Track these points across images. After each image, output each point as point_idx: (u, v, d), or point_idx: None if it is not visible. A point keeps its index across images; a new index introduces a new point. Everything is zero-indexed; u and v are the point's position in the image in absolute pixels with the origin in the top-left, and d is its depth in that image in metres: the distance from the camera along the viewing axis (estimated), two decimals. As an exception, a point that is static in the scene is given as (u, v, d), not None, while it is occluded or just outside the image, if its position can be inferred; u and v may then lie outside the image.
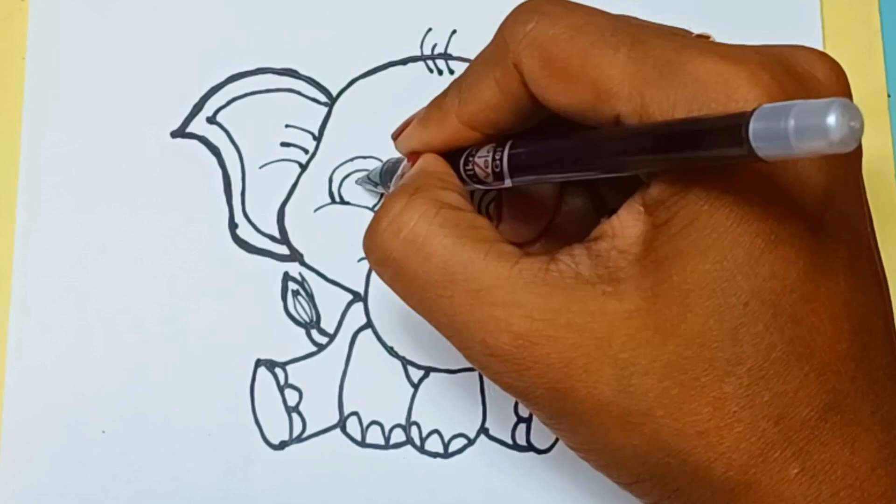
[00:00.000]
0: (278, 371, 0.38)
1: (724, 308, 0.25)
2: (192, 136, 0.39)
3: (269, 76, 0.40)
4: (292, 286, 0.39)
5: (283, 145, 0.39)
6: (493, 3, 0.31)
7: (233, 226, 0.39)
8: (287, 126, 0.40)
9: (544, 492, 0.38)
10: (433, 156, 0.31)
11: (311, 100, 0.40)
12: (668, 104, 0.25)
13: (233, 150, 0.39)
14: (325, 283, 0.39)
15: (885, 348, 0.27)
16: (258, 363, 0.38)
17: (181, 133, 0.39)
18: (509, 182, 0.30)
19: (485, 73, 0.29)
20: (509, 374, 0.27)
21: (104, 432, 0.38)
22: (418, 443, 0.38)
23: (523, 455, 0.38)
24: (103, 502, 0.37)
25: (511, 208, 0.35)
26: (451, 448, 0.38)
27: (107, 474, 0.37)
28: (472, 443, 0.38)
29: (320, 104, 0.40)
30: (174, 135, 0.39)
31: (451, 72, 0.40)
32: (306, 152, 0.39)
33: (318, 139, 0.40)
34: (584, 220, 0.33)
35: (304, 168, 0.39)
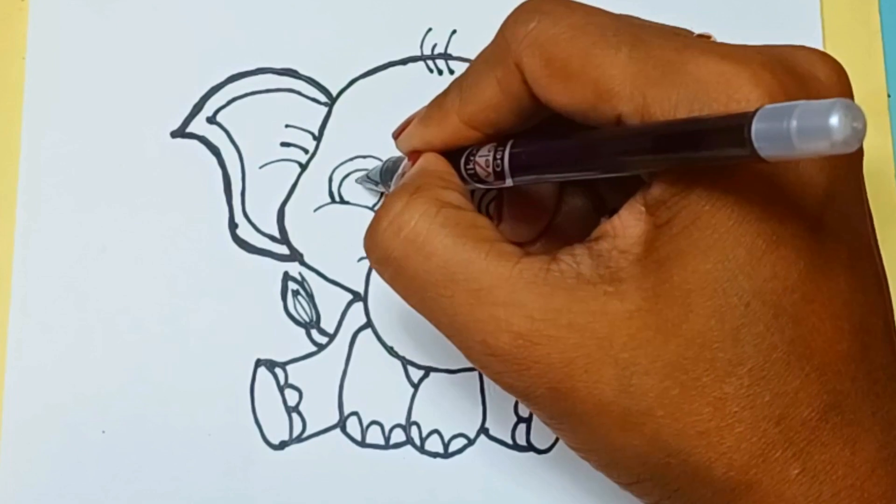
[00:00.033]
0: (278, 371, 0.38)
1: (725, 308, 0.25)
2: (192, 136, 0.39)
3: (269, 76, 0.40)
4: (292, 286, 0.39)
5: (283, 145, 0.39)
6: (493, 3, 0.31)
7: (233, 226, 0.39)
8: (287, 126, 0.40)
9: (544, 492, 0.38)
10: (434, 155, 0.31)
11: (311, 100, 0.40)
12: (670, 104, 0.25)
13: (233, 150, 0.39)
14: (325, 283, 0.39)
15: (886, 348, 0.27)
16: (258, 363, 0.38)
17: (181, 133, 0.39)
18: (510, 181, 0.30)
19: (486, 73, 0.29)
20: (510, 374, 0.27)
21: (104, 432, 0.38)
22: (418, 443, 0.38)
23: (523, 455, 0.38)
24: (103, 502, 0.37)
25: (511, 208, 0.35)
26: (451, 448, 0.38)
27: (107, 474, 0.37)
28: (472, 443, 0.38)
29: (320, 104, 0.40)
30: (174, 135, 0.39)
31: (451, 72, 0.40)
32: (306, 152, 0.39)
33: (318, 139, 0.39)
34: (585, 220, 0.33)
35: (304, 168, 0.39)
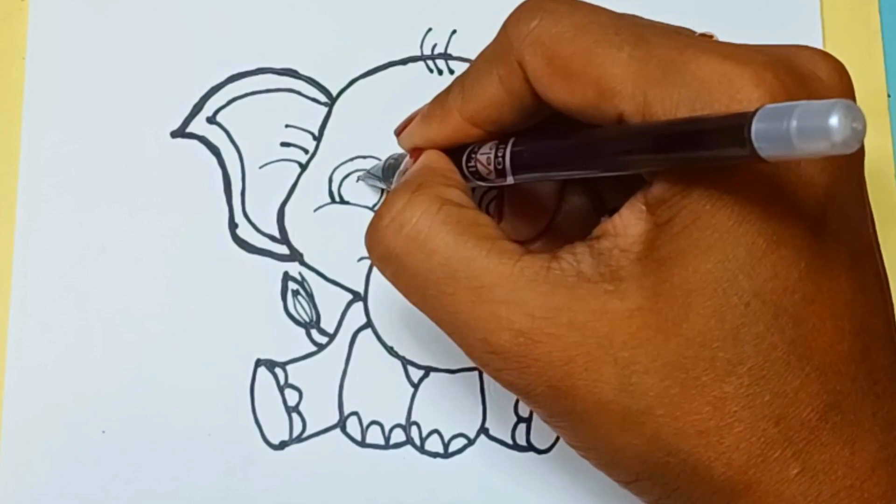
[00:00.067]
0: (278, 371, 0.38)
1: (725, 308, 0.25)
2: (192, 136, 0.39)
3: (269, 76, 0.40)
4: (292, 286, 0.39)
5: (283, 145, 0.39)
6: (493, 3, 0.31)
7: (233, 226, 0.39)
8: (287, 126, 0.40)
9: (544, 492, 0.38)
10: (436, 152, 0.31)
11: (311, 100, 0.40)
12: (671, 103, 0.25)
13: (233, 150, 0.39)
14: (325, 283, 0.39)
15: (887, 349, 0.27)
16: (258, 363, 0.38)
17: (181, 133, 0.39)
18: (511, 179, 0.30)
19: (488, 71, 0.29)
20: (510, 372, 0.27)
21: (104, 432, 0.38)
22: (418, 443, 0.38)
23: (523, 455, 0.38)
24: (103, 502, 0.37)
25: (512, 206, 0.35)
26: (451, 448, 0.38)
27: (107, 474, 0.37)
28: (472, 443, 0.38)
29: (320, 104, 0.40)
30: (174, 135, 0.39)
31: (451, 72, 0.40)
32: (306, 152, 0.39)
33: (318, 139, 0.39)
34: (585, 219, 0.33)
35: (304, 168, 0.39)
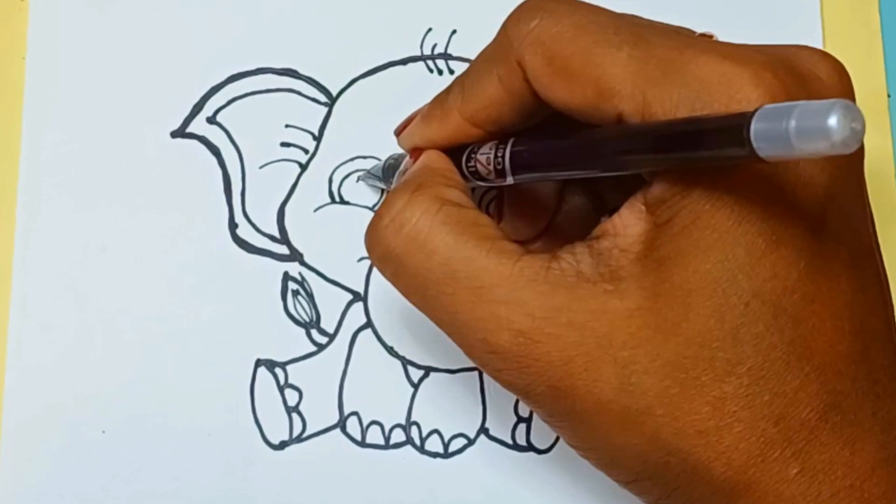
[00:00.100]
0: (278, 371, 0.38)
1: (724, 308, 0.25)
2: (192, 136, 0.39)
3: (269, 76, 0.40)
4: (292, 286, 0.39)
5: (283, 145, 0.39)
6: (493, 3, 0.31)
7: (233, 226, 0.39)
8: (287, 126, 0.40)
9: (544, 492, 0.38)
10: (436, 152, 0.31)
11: (311, 100, 0.40)
12: (671, 103, 0.25)
13: (233, 150, 0.39)
14: (325, 283, 0.39)
15: (887, 349, 0.27)
16: (258, 363, 0.38)
17: (181, 133, 0.39)
18: (511, 179, 0.30)
19: (488, 71, 0.29)
20: (510, 372, 0.27)
21: (104, 432, 0.38)
22: (418, 443, 0.38)
23: (523, 455, 0.38)
24: (103, 502, 0.37)
25: (512, 206, 0.35)
26: (451, 448, 0.38)
27: (107, 474, 0.37)
28: (472, 443, 0.38)
29: (320, 104, 0.40)
30: (174, 135, 0.39)
31: (451, 72, 0.40)
32: (306, 152, 0.39)
33: (318, 139, 0.39)
34: (585, 219, 0.33)
35: (304, 168, 0.39)
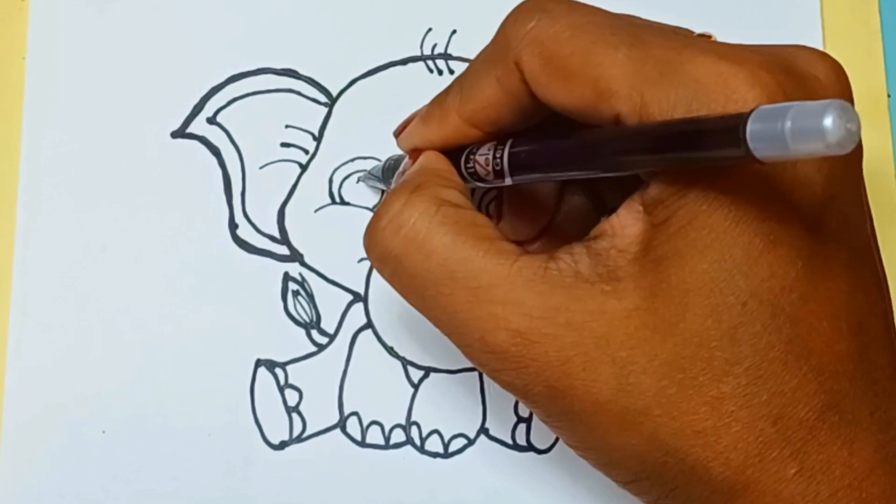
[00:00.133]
0: (278, 371, 0.38)
1: (722, 308, 0.25)
2: (192, 137, 0.39)
3: (269, 76, 0.40)
4: (292, 286, 0.39)
5: (284, 146, 0.39)
6: (493, 3, 0.31)
7: (233, 226, 0.39)
8: (287, 126, 0.40)
9: (544, 492, 0.38)
10: (434, 153, 0.31)
11: (311, 100, 0.40)
12: (668, 104, 0.25)
13: (233, 151, 0.39)
14: (325, 284, 0.39)
15: (885, 349, 0.27)
16: (258, 363, 0.38)
17: (181, 133, 0.39)
18: (510, 180, 0.30)
19: (486, 72, 0.29)
20: (508, 372, 0.27)
21: (104, 432, 0.38)
22: (418, 443, 0.38)
23: (523, 455, 0.38)
24: (103, 502, 0.37)
25: (511, 207, 0.35)
26: (451, 448, 0.38)
27: (107, 474, 0.37)
28: (472, 443, 0.38)
29: (320, 104, 0.40)
30: (174, 135, 0.39)
31: (451, 72, 0.40)
32: (306, 153, 0.39)
33: (318, 139, 0.39)
34: (585, 219, 0.33)
35: (304, 168, 0.39)
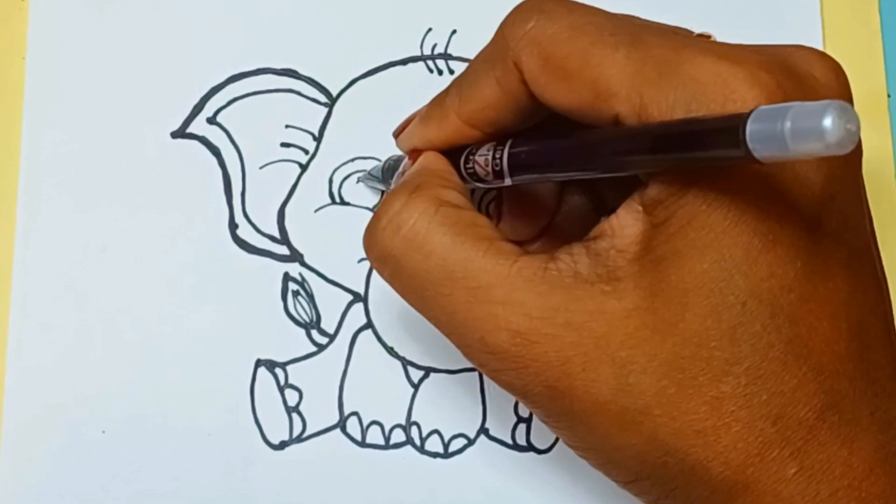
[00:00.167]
0: (278, 371, 0.38)
1: (721, 307, 0.25)
2: (192, 137, 0.39)
3: (269, 76, 0.40)
4: (292, 286, 0.39)
5: (284, 146, 0.39)
6: (493, 3, 0.31)
7: (233, 226, 0.39)
8: (287, 126, 0.40)
9: (544, 492, 0.38)
10: (434, 154, 0.31)
11: (311, 100, 0.40)
12: (667, 104, 0.25)
13: (233, 151, 0.39)
14: (325, 284, 0.39)
15: (885, 349, 0.27)
16: (258, 363, 0.38)
17: (181, 133, 0.39)
18: (509, 181, 0.30)
19: (485, 72, 0.29)
20: (507, 372, 0.27)
21: (104, 432, 0.38)
22: (418, 443, 0.38)
23: (523, 455, 0.38)
24: (103, 502, 0.37)
25: (511, 207, 0.35)
26: (451, 448, 0.38)
27: (107, 474, 0.37)
28: (472, 443, 0.38)
29: (320, 104, 0.40)
30: (174, 135, 0.39)
31: (451, 72, 0.40)
32: (306, 153, 0.39)
33: (318, 140, 0.40)
34: (585, 219, 0.33)
35: (304, 168, 0.39)
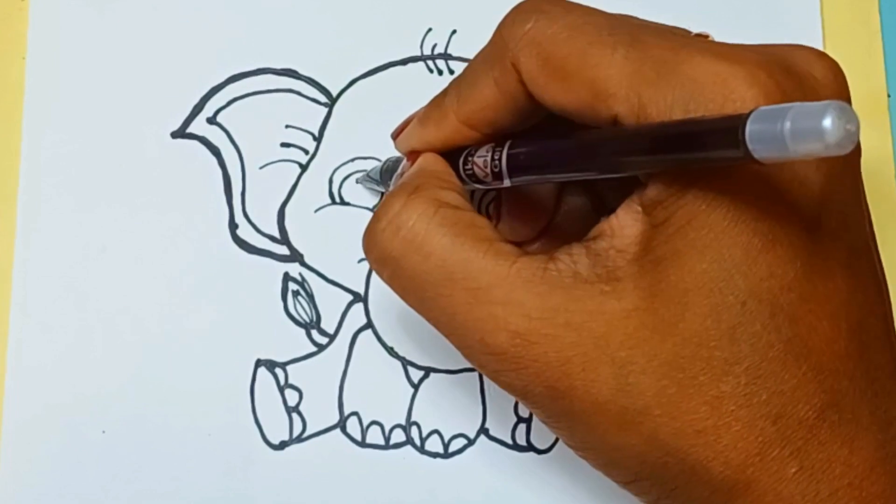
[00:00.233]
0: (278, 371, 0.38)
1: (721, 307, 0.25)
2: (192, 137, 0.39)
3: (269, 76, 0.40)
4: (292, 286, 0.39)
5: (284, 146, 0.39)
6: (493, 3, 0.31)
7: (233, 226, 0.39)
8: (287, 126, 0.40)
9: (544, 492, 0.38)
10: (433, 155, 0.31)
11: (311, 100, 0.40)
12: (666, 105, 0.25)
13: (233, 151, 0.39)
14: (325, 284, 0.39)
15: (885, 348, 0.27)
16: (258, 363, 0.38)
17: (181, 133, 0.39)
18: (508, 182, 0.30)
19: (483, 73, 0.29)
20: (507, 373, 0.27)
21: (104, 432, 0.38)
22: (418, 443, 0.38)
23: (523, 455, 0.38)
24: (103, 502, 0.37)
25: (510, 208, 0.35)
26: (451, 448, 0.38)
27: (107, 474, 0.37)
28: (472, 443, 0.38)
29: (320, 104, 0.40)
30: (174, 135, 0.39)
31: (451, 72, 0.40)
32: (306, 153, 0.39)
33: (318, 140, 0.40)
34: (584, 219, 0.33)
35: (304, 168, 0.39)
